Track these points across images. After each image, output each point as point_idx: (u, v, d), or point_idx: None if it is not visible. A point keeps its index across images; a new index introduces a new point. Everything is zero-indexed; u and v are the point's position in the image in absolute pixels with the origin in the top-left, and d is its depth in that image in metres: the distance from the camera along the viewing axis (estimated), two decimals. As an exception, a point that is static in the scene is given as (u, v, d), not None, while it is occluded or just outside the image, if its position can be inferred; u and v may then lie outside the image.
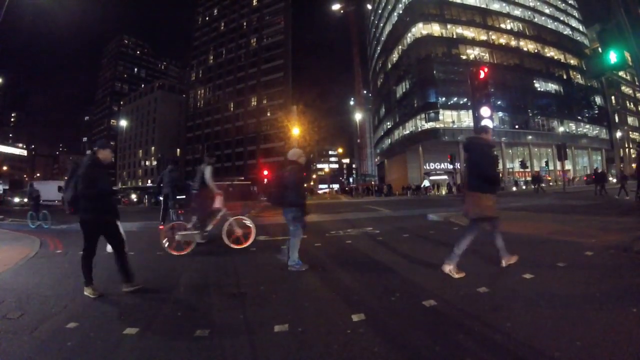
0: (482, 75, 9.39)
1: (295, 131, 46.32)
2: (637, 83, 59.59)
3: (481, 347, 2.16)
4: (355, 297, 3.24)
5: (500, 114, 41.67)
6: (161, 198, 7.24)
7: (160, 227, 6.93)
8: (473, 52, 44.43)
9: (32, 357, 2.22)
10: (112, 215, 3.61)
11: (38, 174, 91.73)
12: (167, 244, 5.65)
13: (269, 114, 62.00)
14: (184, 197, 6.75)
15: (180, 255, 5.47)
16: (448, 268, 3.72)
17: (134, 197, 32.13)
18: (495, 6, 47.44)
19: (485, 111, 9.29)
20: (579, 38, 54.86)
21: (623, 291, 3.03)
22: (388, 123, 55.91)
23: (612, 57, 7.20)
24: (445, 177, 40.57)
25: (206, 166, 6.21)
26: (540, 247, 4.88)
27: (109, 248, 3.60)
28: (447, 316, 2.68)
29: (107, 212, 3.57)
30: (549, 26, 51.03)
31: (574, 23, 55.66)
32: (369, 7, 68.80)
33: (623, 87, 58.54)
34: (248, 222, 6.12)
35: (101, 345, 2.37)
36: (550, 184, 39.04)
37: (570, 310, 2.65)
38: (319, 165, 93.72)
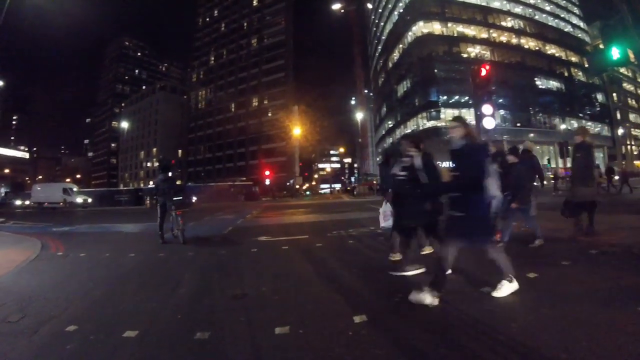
0: (483, 72, 9.31)
1: (297, 131, 46.39)
2: (639, 80, 59.32)
3: (486, 348, 2.13)
4: (357, 298, 3.20)
5: (502, 112, 41.43)
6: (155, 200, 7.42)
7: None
8: (474, 51, 44.25)
9: (31, 361, 2.20)
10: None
11: (40, 177, 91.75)
12: None
13: (270, 114, 61.99)
14: (180, 198, 6.98)
15: (185, 255, 5.51)
16: None
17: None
18: (496, 4, 47.27)
19: (487, 109, 9.21)
20: (580, 35, 54.56)
21: (628, 290, 2.99)
22: (389, 122, 55.80)
23: (615, 53, 7.15)
24: (447, 176, 40.40)
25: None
26: (543, 246, 4.82)
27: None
28: (450, 317, 2.65)
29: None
30: (549, 24, 50.77)
31: (575, 20, 55.37)
32: (370, 6, 68.67)
33: (625, 84, 58.10)
34: None
35: (101, 349, 2.35)
36: (552, 181, 38.85)
37: (575, 310, 2.62)
38: (321, 165, 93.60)
